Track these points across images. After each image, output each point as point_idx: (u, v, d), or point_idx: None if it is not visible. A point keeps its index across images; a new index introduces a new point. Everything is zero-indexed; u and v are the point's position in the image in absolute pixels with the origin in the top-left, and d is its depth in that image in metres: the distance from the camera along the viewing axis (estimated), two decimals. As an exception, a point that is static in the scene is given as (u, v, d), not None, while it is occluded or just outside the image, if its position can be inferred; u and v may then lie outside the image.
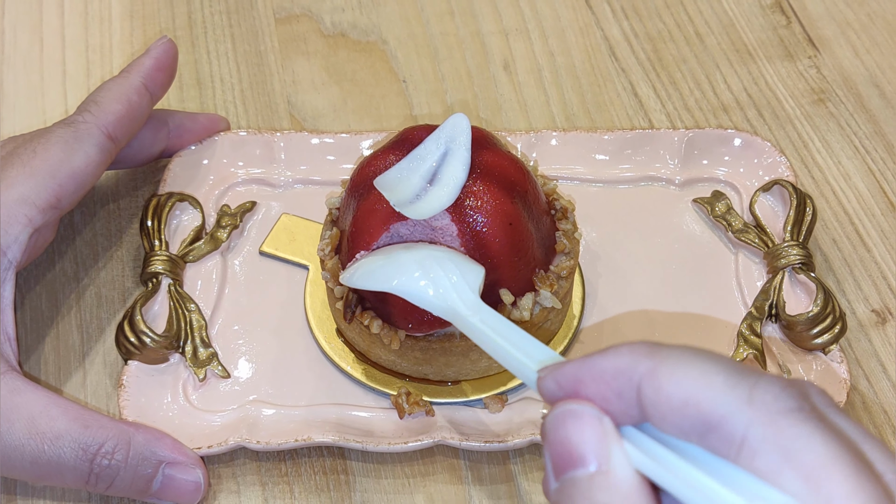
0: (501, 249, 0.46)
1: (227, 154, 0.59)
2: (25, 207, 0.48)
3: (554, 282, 0.48)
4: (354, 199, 0.49)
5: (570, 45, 0.68)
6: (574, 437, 0.31)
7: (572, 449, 0.31)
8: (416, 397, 0.50)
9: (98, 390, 0.52)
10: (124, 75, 0.54)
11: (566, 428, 0.32)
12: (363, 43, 0.68)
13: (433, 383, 0.51)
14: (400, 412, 0.50)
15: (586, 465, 0.31)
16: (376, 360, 0.51)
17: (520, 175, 0.48)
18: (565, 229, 0.50)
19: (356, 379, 0.52)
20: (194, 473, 0.48)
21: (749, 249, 0.56)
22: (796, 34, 0.68)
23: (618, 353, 0.32)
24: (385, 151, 0.49)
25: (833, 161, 0.62)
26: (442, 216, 0.46)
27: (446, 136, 0.47)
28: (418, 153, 0.47)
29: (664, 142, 0.59)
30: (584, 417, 0.32)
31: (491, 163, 0.47)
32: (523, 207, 0.47)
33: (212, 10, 0.69)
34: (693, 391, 0.30)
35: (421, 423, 0.50)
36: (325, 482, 0.50)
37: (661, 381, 0.31)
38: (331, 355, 0.52)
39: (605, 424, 0.31)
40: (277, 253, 0.56)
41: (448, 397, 0.51)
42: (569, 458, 0.31)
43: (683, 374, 0.30)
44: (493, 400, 0.50)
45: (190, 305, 0.53)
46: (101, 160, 0.52)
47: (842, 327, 0.52)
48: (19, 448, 0.45)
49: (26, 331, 0.55)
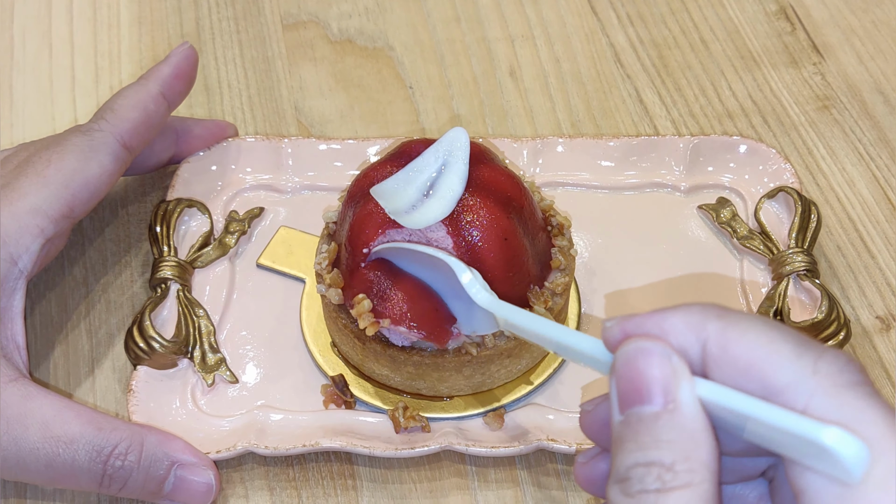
0: (496, 264, 0.46)
1: (235, 160, 0.60)
2: (38, 218, 0.49)
3: (548, 298, 0.48)
4: (351, 208, 0.49)
5: (575, 52, 0.68)
6: (645, 372, 0.32)
7: (642, 384, 0.32)
8: (412, 412, 0.50)
9: (107, 395, 0.53)
10: (142, 82, 0.54)
11: (637, 362, 0.32)
12: (370, 49, 0.68)
13: (427, 398, 0.51)
14: (396, 426, 0.50)
15: (653, 401, 0.32)
16: (370, 374, 0.52)
17: (516, 191, 0.48)
18: (561, 246, 0.50)
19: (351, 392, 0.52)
20: (206, 475, 0.48)
21: (754, 256, 0.56)
22: (801, 41, 0.68)
23: (689, 309, 0.33)
24: (383, 163, 0.49)
25: (838, 168, 0.62)
26: (437, 228, 0.46)
27: (445, 149, 0.47)
28: (416, 165, 0.47)
29: (669, 148, 0.59)
30: (656, 354, 0.32)
31: (488, 177, 0.47)
32: (519, 223, 0.48)
33: (220, 17, 0.70)
34: (760, 356, 0.31)
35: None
36: (333, 487, 0.50)
37: (729, 342, 0.31)
38: (324, 369, 0.53)
39: (676, 363, 0.32)
40: (275, 266, 0.57)
41: (443, 412, 0.51)
42: (636, 393, 0.32)
43: (753, 339, 0.31)
44: (493, 418, 0.50)
45: (198, 311, 0.54)
46: (116, 169, 0.52)
47: (846, 334, 0.52)
48: (34, 452, 0.45)
49: (36, 336, 0.55)
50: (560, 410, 0.51)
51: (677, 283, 0.56)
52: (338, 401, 0.51)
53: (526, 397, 0.52)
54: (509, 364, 0.50)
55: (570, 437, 0.49)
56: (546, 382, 0.52)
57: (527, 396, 0.52)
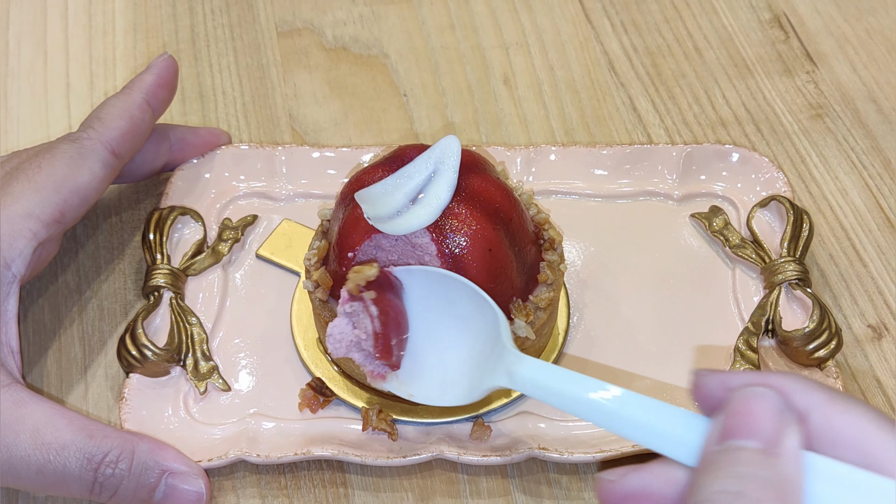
0: (478, 274, 0.46)
1: (228, 168, 0.60)
2: (30, 222, 0.49)
3: (531, 312, 0.48)
4: (342, 209, 0.49)
5: (569, 60, 0.68)
6: (757, 411, 0.33)
7: (752, 420, 0.33)
8: (386, 415, 0.50)
9: (100, 403, 0.53)
10: (126, 92, 0.55)
11: (751, 401, 0.33)
12: (364, 57, 0.68)
13: (404, 402, 0.51)
14: (365, 424, 0.50)
15: (759, 438, 0.33)
16: (350, 372, 0.52)
17: (506, 202, 0.48)
18: (551, 260, 0.50)
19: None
20: (197, 483, 0.48)
21: (746, 265, 0.56)
22: (794, 49, 0.69)
23: (792, 377, 0.34)
24: (375, 167, 0.49)
25: (830, 176, 0.62)
26: (422, 234, 0.46)
27: (436, 156, 0.47)
28: (406, 171, 0.47)
29: (662, 157, 0.60)
30: (771, 399, 0.33)
31: (478, 187, 0.47)
32: (505, 234, 0.47)
33: (214, 24, 0.70)
34: (865, 431, 0.33)
35: (419, 435, 0.50)
36: (325, 495, 0.50)
37: (833, 414, 0.33)
38: (308, 364, 0.53)
39: (787, 413, 0.33)
40: (273, 258, 0.57)
41: (418, 417, 0.51)
42: (742, 427, 0.33)
43: (857, 414, 0.33)
44: (479, 427, 0.50)
45: (191, 319, 0.54)
46: (105, 176, 0.52)
47: (838, 343, 0.52)
48: (25, 459, 0.45)
49: (29, 343, 0.55)
50: (552, 419, 0.51)
51: (669, 290, 0.56)
52: (313, 405, 0.51)
53: (509, 406, 0.51)
54: None
55: (561, 446, 0.49)
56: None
57: (510, 405, 0.52)
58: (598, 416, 0.37)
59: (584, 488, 0.50)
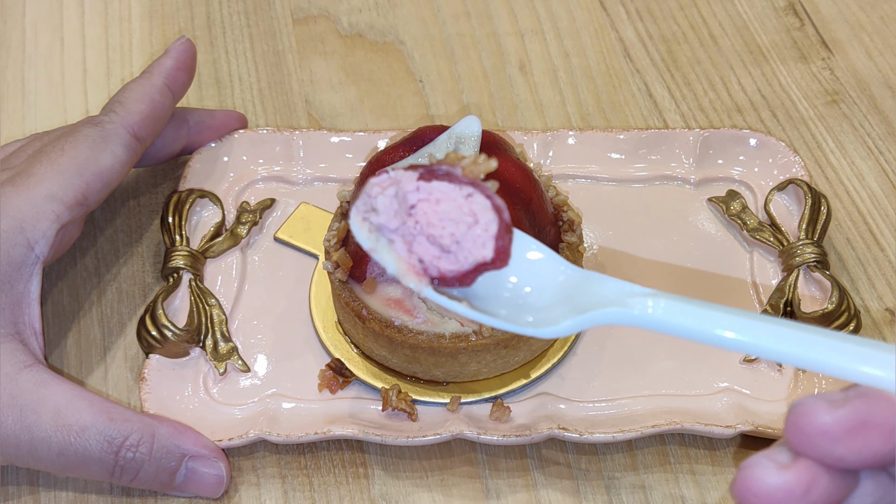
0: None
1: (246, 151, 0.60)
2: (53, 204, 0.49)
3: None
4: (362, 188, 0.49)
5: (585, 47, 0.68)
6: None
7: None
8: (406, 396, 0.50)
9: (119, 384, 0.53)
10: (146, 76, 0.55)
11: None
12: (380, 43, 0.69)
13: (424, 382, 0.51)
14: (385, 405, 0.50)
15: None
16: (369, 353, 0.52)
17: (526, 183, 0.48)
18: (570, 241, 0.50)
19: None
20: (217, 466, 0.48)
21: (764, 248, 0.56)
22: (809, 36, 0.69)
23: None
24: (396, 147, 0.49)
25: (847, 161, 0.62)
26: None
27: (457, 136, 0.47)
28: (427, 151, 0.47)
29: (679, 141, 0.60)
30: None
31: (498, 167, 0.47)
32: (525, 215, 0.48)
33: (230, 11, 0.70)
34: None
35: (439, 416, 0.51)
36: (345, 475, 0.50)
37: None
38: (327, 345, 0.53)
39: None
40: (291, 240, 0.57)
41: (438, 398, 0.51)
42: None
43: None
44: (498, 408, 0.50)
45: (210, 300, 0.54)
46: (127, 159, 0.52)
47: (856, 325, 0.52)
48: (46, 440, 0.45)
49: (48, 326, 0.55)
50: (571, 400, 0.51)
51: (687, 275, 0.56)
52: (333, 386, 0.51)
53: (528, 387, 0.52)
54: (506, 355, 0.50)
55: (580, 426, 0.49)
56: (546, 375, 0.52)
57: (528, 387, 0.52)
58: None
59: (603, 469, 0.50)
